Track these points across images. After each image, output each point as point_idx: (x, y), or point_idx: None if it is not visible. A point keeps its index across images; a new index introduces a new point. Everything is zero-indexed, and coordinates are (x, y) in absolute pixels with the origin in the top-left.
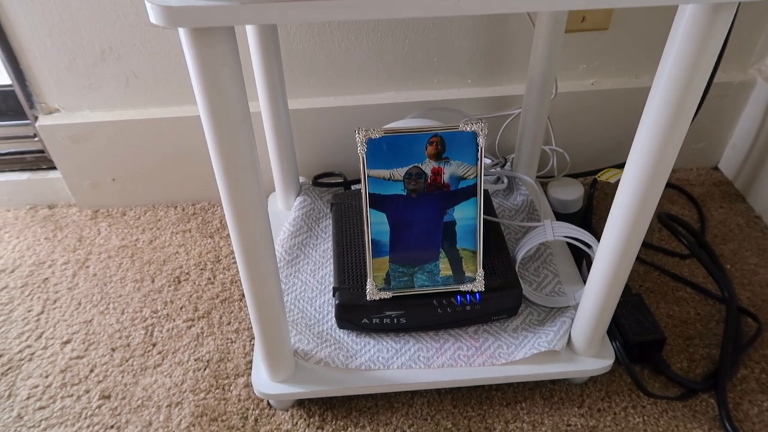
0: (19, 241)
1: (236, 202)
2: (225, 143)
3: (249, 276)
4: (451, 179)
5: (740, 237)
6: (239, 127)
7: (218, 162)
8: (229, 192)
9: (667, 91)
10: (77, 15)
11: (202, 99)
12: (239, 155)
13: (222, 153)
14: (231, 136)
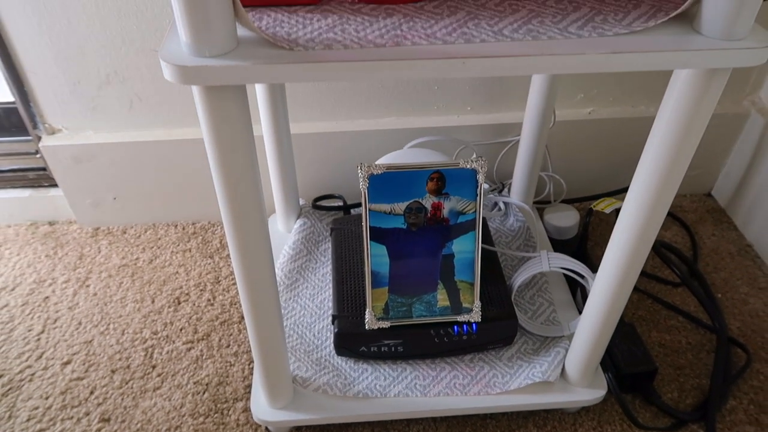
0: (19, 258)
1: (242, 252)
2: (233, 195)
3: (250, 306)
4: (451, 214)
5: (731, 266)
6: (247, 176)
7: (227, 215)
8: (237, 244)
9: (662, 150)
10: (83, 41)
11: (211, 149)
12: (247, 206)
13: (230, 203)
14: (239, 187)
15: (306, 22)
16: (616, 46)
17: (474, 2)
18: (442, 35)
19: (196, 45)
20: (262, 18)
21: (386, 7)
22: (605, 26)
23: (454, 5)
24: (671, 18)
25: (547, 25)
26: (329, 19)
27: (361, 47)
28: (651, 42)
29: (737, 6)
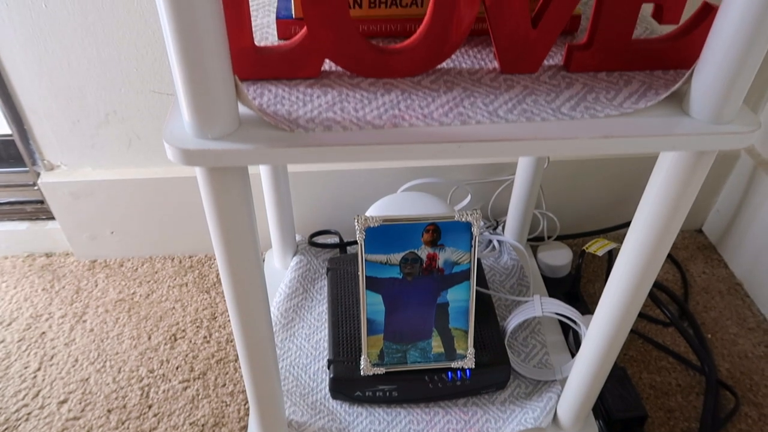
0: (16, 291)
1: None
2: (234, 271)
3: (246, 357)
4: (446, 264)
5: (721, 305)
6: (248, 250)
7: (227, 283)
8: (236, 311)
9: (648, 225)
10: (84, 81)
11: (213, 224)
12: (246, 276)
13: (232, 278)
14: (240, 261)
15: (306, 98)
16: (607, 129)
17: (470, 76)
18: (438, 116)
19: (198, 127)
20: (263, 93)
21: (384, 81)
22: (597, 107)
23: (450, 80)
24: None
25: (541, 104)
26: (329, 96)
27: (359, 128)
28: (641, 125)
29: (725, 91)
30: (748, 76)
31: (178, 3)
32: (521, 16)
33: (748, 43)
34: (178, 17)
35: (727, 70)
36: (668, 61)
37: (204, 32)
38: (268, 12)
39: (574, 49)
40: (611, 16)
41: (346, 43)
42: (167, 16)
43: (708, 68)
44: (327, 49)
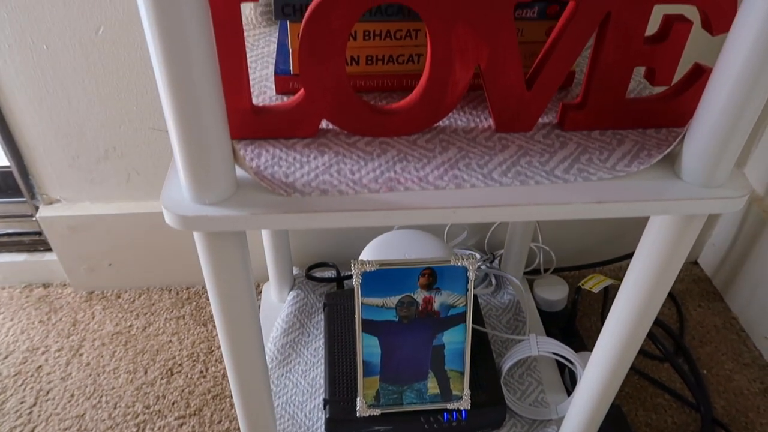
0: (13, 323)
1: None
2: (232, 333)
3: (241, 398)
4: (442, 307)
5: (717, 339)
6: (246, 314)
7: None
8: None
9: (639, 287)
10: (84, 119)
11: (211, 286)
12: (245, 338)
13: (229, 339)
14: (239, 323)
15: (303, 159)
16: (599, 194)
17: (465, 135)
18: (433, 179)
19: (196, 193)
20: (260, 154)
21: (381, 140)
22: (590, 169)
23: (446, 138)
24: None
25: (535, 166)
26: (326, 157)
27: (356, 193)
28: (633, 189)
29: (717, 156)
30: (740, 141)
31: (176, 74)
32: (516, 79)
33: (739, 110)
34: (175, 88)
35: (719, 135)
36: (661, 120)
37: (201, 103)
38: (266, 64)
39: (568, 108)
40: (604, 79)
41: (343, 105)
42: (165, 87)
43: (699, 133)
44: (324, 110)
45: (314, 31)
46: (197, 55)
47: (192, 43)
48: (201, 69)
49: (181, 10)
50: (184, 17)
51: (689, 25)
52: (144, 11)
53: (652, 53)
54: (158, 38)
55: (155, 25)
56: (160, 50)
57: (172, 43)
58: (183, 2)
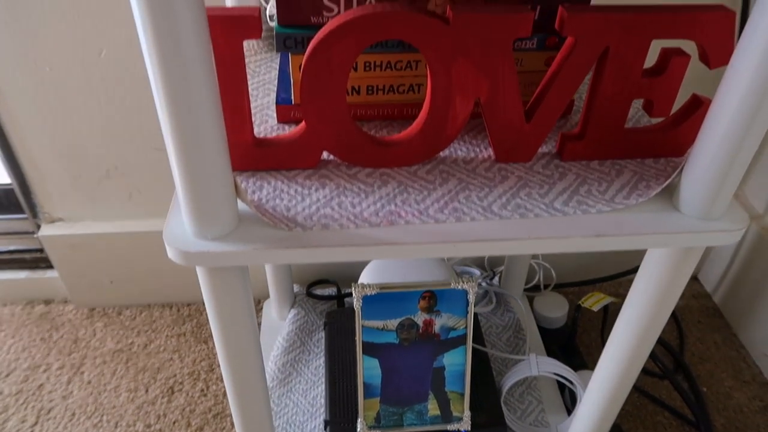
0: (14, 341)
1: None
2: (236, 367)
3: (242, 424)
4: (442, 330)
5: (717, 356)
6: (248, 343)
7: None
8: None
9: (638, 315)
10: (86, 139)
11: (214, 319)
12: (247, 370)
13: (232, 374)
14: (241, 352)
15: (305, 192)
16: (598, 228)
17: (465, 166)
18: (434, 212)
19: (198, 228)
20: (262, 186)
21: (382, 171)
22: (589, 201)
23: (446, 169)
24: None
25: (534, 198)
26: (326, 189)
27: (356, 227)
28: (631, 222)
29: (715, 190)
30: (738, 175)
31: (179, 112)
32: (515, 112)
33: (737, 145)
34: (177, 126)
35: (717, 169)
36: (659, 151)
37: (203, 142)
38: (268, 91)
39: (567, 139)
40: (603, 110)
41: (344, 138)
42: (167, 124)
43: (698, 166)
44: (326, 142)
45: (316, 67)
46: (199, 94)
47: (194, 81)
48: (203, 108)
49: (183, 49)
50: (187, 56)
51: (687, 59)
52: (146, 50)
53: (651, 86)
54: (160, 77)
55: (157, 64)
56: (162, 88)
57: (175, 83)
58: (185, 42)
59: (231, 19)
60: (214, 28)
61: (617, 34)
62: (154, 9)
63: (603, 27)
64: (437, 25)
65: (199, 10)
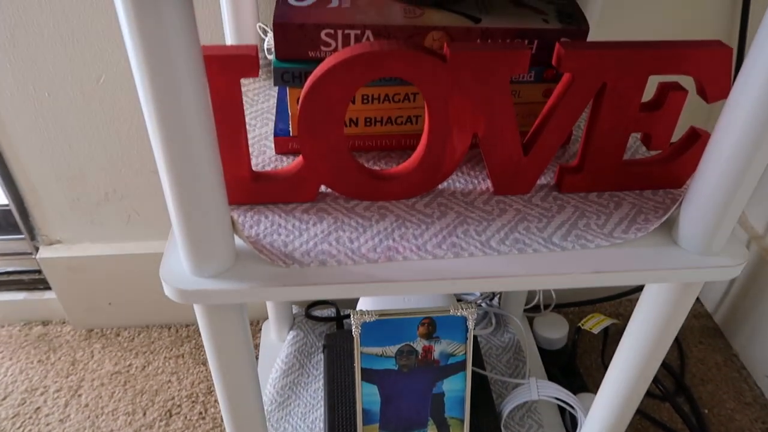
0: (12, 363)
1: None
2: (235, 404)
3: None
4: (441, 356)
5: (718, 377)
6: (247, 383)
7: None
8: None
9: (637, 347)
10: (84, 163)
11: (212, 355)
12: (246, 409)
13: (231, 411)
14: (239, 393)
15: (302, 226)
16: (597, 264)
17: (463, 198)
18: (431, 247)
19: (195, 266)
20: (259, 221)
21: (380, 205)
22: (588, 235)
23: (444, 202)
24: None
25: (533, 232)
26: (324, 224)
27: (354, 263)
28: (630, 257)
29: (715, 225)
30: (737, 210)
31: (174, 152)
32: (513, 146)
33: (736, 181)
34: (173, 166)
35: (717, 205)
36: (657, 182)
37: (200, 181)
38: (266, 120)
39: (565, 171)
40: (601, 144)
41: (342, 172)
42: (163, 163)
43: (697, 202)
44: (323, 176)
45: (313, 104)
46: (195, 135)
47: (190, 122)
48: (199, 149)
49: (179, 92)
50: (182, 99)
51: (684, 94)
52: (142, 91)
53: (648, 120)
54: (155, 117)
55: (152, 105)
56: (157, 130)
57: (170, 124)
58: (181, 84)
59: (228, 58)
60: (211, 67)
61: (614, 71)
62: (149, 50)
63: (600, 64)
64: (435, 62)
65: (195, 51)
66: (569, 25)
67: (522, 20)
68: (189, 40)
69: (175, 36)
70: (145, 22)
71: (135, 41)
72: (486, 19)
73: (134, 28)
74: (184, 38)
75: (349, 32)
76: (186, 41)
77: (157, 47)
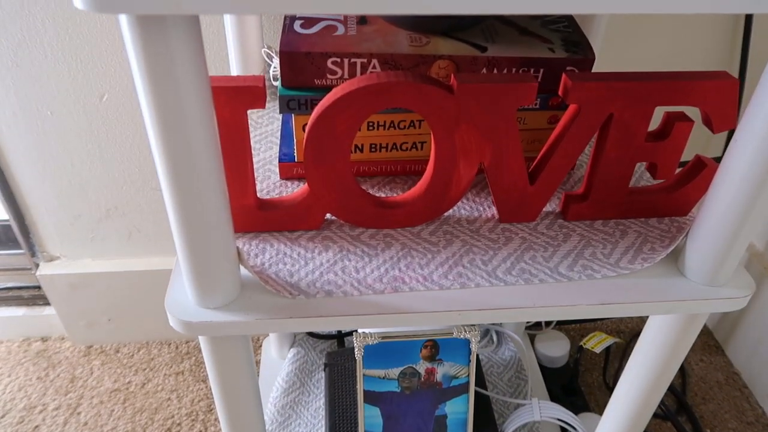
0: (10, 380)
1: None
2: (235, 426)
3: None
4: (444, 378)
5: (720, 396)
6: (251, 414)
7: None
8: None
9: (642, 378)
10: (86, 180)
11: (216, 386)
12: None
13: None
14: (242, 421)
15: (308, 255)
16: (603, 295)
17: (469, 226)
18: (438, 277)
19: (200, 298)
20: (265, 250)
21: (385, 233)
22: (594, 265)
23: (449, 230)
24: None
25: (539, 262)
26: (330, 252)
27: (360, 294)
28: (637, 288)
29: (722, 257)
30: (744, 242)
31: (181, 185)
32: (519, 175)
33: (744, 214)
34: (180, 198)
35: (724, 237)
36: (663, 210)
37: (206, 213)
38: (270, 144)
39: (571, 200)
40: (607, 173)
41: (347, 201)
42: (170, 197)
43: (704, 234)
44: (329, 205)
45: (320, 135)
46: (201, 167)
47: (197, 154)
48: (205, 181)
49: (186, 124)
50: (190, 130)
51: (691, 125)
52: (148, 122)
53: (654, 150)
54: (162, 149)
55: (160, 138)
56: (164, 162)
57: (177, 156)
58: (189, 114)
59: (236, 89)
60: (219, 98)
61: (621, 102)
62: (156, 82)
63: (606, 95)
64: (442, 94)
65: (202, 83)
66: (575, 54)
67: (528, 49)
68: (197, 72)
69: (183, 69)
70: (153, 54)
71: (142, 74)
72: (492, 48)
73: (142, 61)
74: (192, 71)
75: (356, 60)
76: (194, 74)
77: (165, 79)
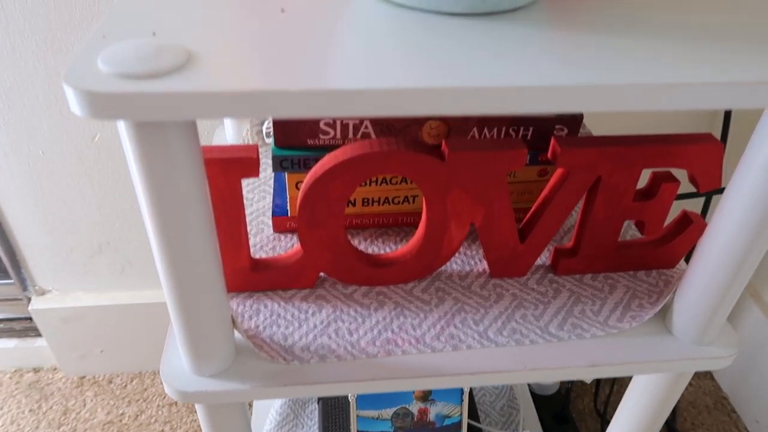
0: (2, 413)
1: None
2: None
3: None
4: (437, 417)
5: (709, 421)
6: None
7: None
8: None
9: (634, 423)
10: (78, 217)
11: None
12: None
13: None
14: None
15: (302, 316)
16: (592, 356)
17: (460, 282)
18: (430, 339)
19: (195, 366)
20: (258, 311)
21: (378, 290)
22: (583, 324)
23: (441, 287)
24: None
25: (530, 321)
26: (323, 313)
27: (354, 358)
28: (625, 348)
29: (709, 316)
30: (731, 301)
31: (173, 255)
32: (509, 234)
33: (731, 276)
34: (173, 270)
35: (711, 298)
36: (650, 264)
37: (200, 283)
38: (263, 194)
39: (560, 254)
40: (595, 231)
41: (341, 261)
42: (163, 267)
43: (691, 294)
44: (322, 265)
45: (313, 202)
46: (195, 239)
47: (190, 227)
48: (199, 251)
49: (180, 198)
50: (183, 206)
51: (677, 185)
52: (141, 195)
53: (642, 209)
54: (156, 228)
55: (154, 218)
56: (158, 237)
57: (170, 231)
58: (182, 189)
59: (230, 161)
60: (212, 169)
61: (609, 166)
62: (149, 158)
63: (595, 160)
64: (433, 162)
65: (195, 159)
66: (564, 113)
67: None
68: (190, 150)
69: (177, 147)
70: (152, 157)
71: (141, 176)
72: None
73: (140, 164)
74: (188, 164)
75: (348, 121)
76: (189, 168)
77: (158, 156)
